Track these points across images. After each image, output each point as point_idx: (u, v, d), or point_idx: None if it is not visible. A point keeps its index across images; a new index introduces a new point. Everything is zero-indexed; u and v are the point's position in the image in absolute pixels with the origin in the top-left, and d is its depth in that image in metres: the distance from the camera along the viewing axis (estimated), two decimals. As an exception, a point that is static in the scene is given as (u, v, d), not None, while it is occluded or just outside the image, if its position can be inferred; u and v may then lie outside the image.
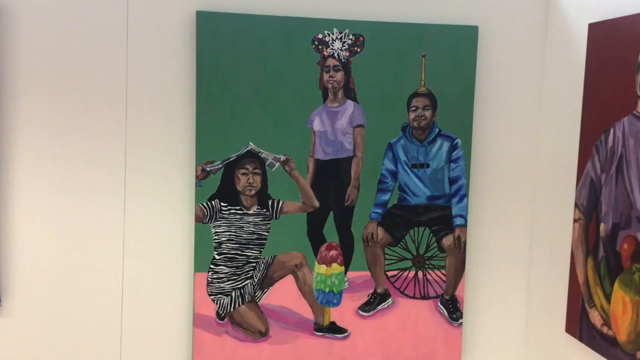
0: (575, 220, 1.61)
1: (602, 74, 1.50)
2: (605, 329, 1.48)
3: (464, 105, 1.81)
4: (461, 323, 1.87)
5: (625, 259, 1.40)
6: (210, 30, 1.68)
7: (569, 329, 1.64)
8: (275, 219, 1.77)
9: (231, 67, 1.70)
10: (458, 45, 1.79)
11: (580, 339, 1.58)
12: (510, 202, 1.89)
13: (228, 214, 1.74)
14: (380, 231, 1.82)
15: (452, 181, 1.83)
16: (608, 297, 1.47)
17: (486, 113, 1.85)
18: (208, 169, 1.72)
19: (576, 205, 1.61)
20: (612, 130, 1.46)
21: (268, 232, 1.77)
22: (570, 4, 1.71)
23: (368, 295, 1.83)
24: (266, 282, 1.78)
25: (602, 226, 1.49)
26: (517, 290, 1.92)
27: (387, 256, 1.84)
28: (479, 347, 1.92)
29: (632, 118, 1.39)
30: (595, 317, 1.52)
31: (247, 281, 1.77)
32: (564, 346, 1.70)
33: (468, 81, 1.80)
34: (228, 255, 1.75)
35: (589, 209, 1.55)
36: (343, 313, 1.83)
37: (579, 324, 1.59)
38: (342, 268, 1.81)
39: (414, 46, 1.77)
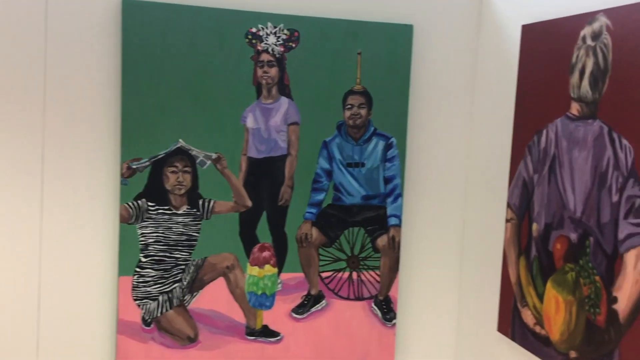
0: (507, 220, 1.62)
1: (535, 75, 1.52)
2: (538, 328, 1.49)
3: (399, 104, 1.80)
4: (395, 324, 1.85)
5: (558, 259, 1.42)
6: (138, 21, 1.59)
7: (501, 328, 1.65)
8: (206, 219, 1.69)
9: (160, 60, 1.62)
10: (393, 44, 1.77)
11: (513, 338, 1.60)
12: (443, 202, 1.89)
13: (156, 214, 1.65)
14: (315, 231, 1.77)
15: (387, 180, 1.81)
16: (541, 297, 1.48)
17: (421, 112, 1.84)
18: (134, 166, 1.63)
19: (508, 205, 1.62)
20: (545, 132, 1.48)
21: (198, 232, 1.69)
22: (504, 5, 1.72)
23: (302, 297, 1.79)
24: (196, 286, 1.71)
25: (534, 226, 1.51)
26: (449, 290, 1.92)
27: (321, 257, 1.80)
28: (412, 348, 1.91)
29: (565, 119, 1.41)
30: (528, 317, 1.53)
31: (176, 285, 1.69)
32: (496, 345, 1.71)
33: (403, 80, 1.79)
34: (155, 258, 1.66)
35: (521, 209, 1.57)
36: (276, 316, 1.77)
37: (511, 323, 1.61)
38: (275, 270, 1.76)
39: (349, 43, 1.74)
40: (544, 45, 1.48)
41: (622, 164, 1.22)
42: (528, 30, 1.56)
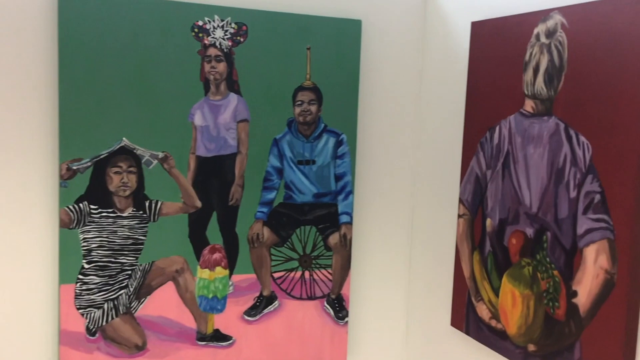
0: (459, 216, 1.63)
1: (487, 72, 1.52)
2: (493, 322, 1.51)
3: (349, 100, 1.77)
4: (347, 322, 1.84)
5: (513, 254, 1.44)
6: (75, 12, 1.49)
7: (455, 323, 1.66)
8: (153, 221, 1.62)
9: (100, 54, 1.52)
10: (342, 39, 1.75)
11: (467, 333, 1.61)
12: (393, 198, 1.88)
13: (99, 218, 1.56)
14: (266, 231, 1.73)
15: (338, 178, 1.78)
16: (496, 291, 1.50)
17: (370, 108, 1.82)
18: (75, 167, 1.53)
19: (460, 201, 1.63)
20: (497, 128, 1.49)
21: (145, 236, 1.61)
22: (452, 2, 1.72)
23: (254, 299, 1.74)
24: (143, 291, 1.63)
25: (488, 221, 1.52)
26: (400, 286, 1.92)
27: (273, 257, 1.75)
28: (364, 345, 1.91)
29: (519, 116, 1.42)
30: (483, 311, 1.55)
31: (122, 291, 1.60)
32: (449, 339, 1.73)
33: (352, 76, 1.77)
34: (99, 264, 1.57)
35: (474, 204, 1.58)
36: (228, 319, 1.72)
37: (465, 318, 1.62)
38: (227, 271, 1.71)
39: (298, 38, 1.70)
40: (496, 43, 1.49)
41: (579, 160, 1.24)
42: (478, 27, 1.56)
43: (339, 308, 1.82)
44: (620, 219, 1.15)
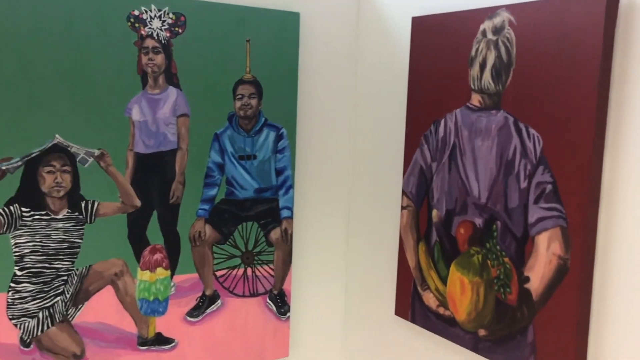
0: (403, 208, 1.66)
1: (430, 66, 1.56)
2: (441, 310, 1.55)
3: (288, 94, 1.75)
4: (289, 317, 1.83)
5: (462, 243, 1.48)
6: (4, 1, 1.38)
7: (400, 312, 1.69)
8: (90, 223, 1.53)
9: (31, 46, 1.41)
10: (281, 32, 1.72)
11: (413, 321, 1.65)
12: (332, 192, 1.89)
13: (31, 221, 1.45)
14: (208, 229, 1.68)
15: (279, 172, 1.76)
16: (444, 280, 1.54)
17: (310, 102, 1.82)
18: (4, 167, 1.41)
19: (404, 193, 1.66)
20: (443, 121, 1.53)
21: (81, 238, 1.52)
22: (389, -4, 1.75)
23: (196, 299, 1.69)
24: (80, 297, 1.54)
25: (434, 212, 1.56)
26: (339, 279, 1.94)
27: (215, 255, 1.71)
28: (306, 339, 1.91)
29: (465, 110, 1.46)
30: (430, 299, 1.59)
31: (58, 298, 1.50)
32: (394, 329, 1.76)
33: (291, 69, 1.75)
34: (33, 270, 1.47)
35: (418, 196, 1.61)
36: (170, 322, 1.66)
37: (410, 307, 1.66)
38: (168, 272, 1.64)
39: (238, 30, 1.66)
40: (439, 38, 1.53)
41: (530, 152, 1.30)
42: (419, 22, 1.59)
43: (281, 303, 1.81)
44: (572, 207, 1.22)
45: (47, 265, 1.48)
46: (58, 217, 1.49)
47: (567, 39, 1.22)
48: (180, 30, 1.59)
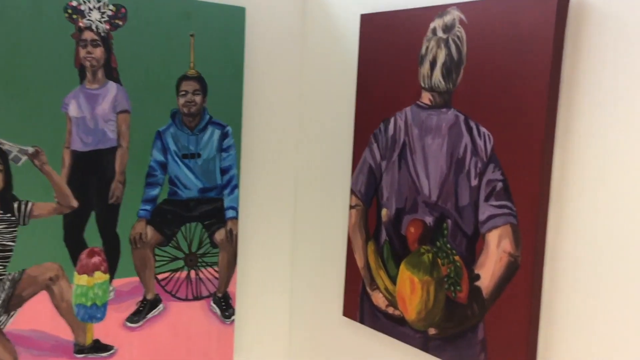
0: (352, 207, 1.65)
1: (379, 64, 1.55)
2: (391, 310, 1.54)
3: (234, 91, 1.71)
4: (234, 320, 1.78)
5: (412, 242, 1.48)
6: None
7: (348, 313, 1.67)
8: (23, 224, 1.44)
9: (-44, 33, 1.32)
10: (226, 27, 1.68)
11: (361, 321, 1.63)
12: (278, 192, 1.85)
13: (-42, 223, 1.36)
14: (150, 230, 1.62)
15: (224, 171, 1.71)
16: (393, 279, 1.53)
17: (255, 100, 1.78)
18: None
19: (353, 192, 1.64)
20: (392, 120, 1.52)
21: (14, 241, 1.43)
22: (336, -6, 1.73)
23: (137, 304, 1.62)
24: (13, 304, 1.44)
25: (384, 211, 1.55)
26: (285, 281, 1.90)
27: (157, 257, 1.64)
28: (251, 343, 1.86)
29: (415, 108, 1.46)
30: (379, 299, 1.58)
31: (-13, 305, 1.41)
32: (342, 329, 1.74)
33: (237, 65, 1.71)
34: (-41, 276, 1.37)
35: (367, 195, 1.60)
36: (108, 328, 1.58)
37: (359, 307, 1.64)
38: (107, 276, 1.57)
39: (181, 24, 1.60)
40: (389, 36, 1.52)
41: (480, 150, 1.31)
42: (368, 20, 1.58)
43: (225, 307, 1.76)
44: (523, 205, 1.23)
45: (-25, 270, 1.39)
46: (-12, 218, 1.39)
47: (518, 38, 1.23)
48: (120, 23, 1.52)
